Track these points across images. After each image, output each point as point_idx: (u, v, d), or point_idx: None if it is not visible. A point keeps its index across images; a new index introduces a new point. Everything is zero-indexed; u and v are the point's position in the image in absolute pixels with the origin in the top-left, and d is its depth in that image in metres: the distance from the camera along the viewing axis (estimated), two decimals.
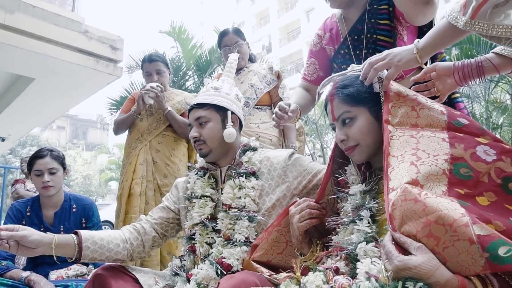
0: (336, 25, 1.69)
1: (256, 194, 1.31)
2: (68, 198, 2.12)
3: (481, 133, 0.89)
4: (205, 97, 1.44)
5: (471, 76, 1.10)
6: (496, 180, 0.80)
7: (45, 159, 2.00)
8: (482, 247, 0.65)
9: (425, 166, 0.82)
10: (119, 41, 5.03)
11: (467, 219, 0.68)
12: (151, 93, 2.48)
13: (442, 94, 1.15)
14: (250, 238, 1.25)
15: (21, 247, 1.16)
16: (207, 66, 7.78)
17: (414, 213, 0.73)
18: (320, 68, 1.79)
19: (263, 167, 1.37)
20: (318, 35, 1.78)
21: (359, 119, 1.05)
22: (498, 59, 1.08)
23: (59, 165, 2.05)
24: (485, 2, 0.87)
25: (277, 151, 1.44)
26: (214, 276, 1.18)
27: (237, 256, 1.21)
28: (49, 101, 5.90)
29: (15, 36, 4.07)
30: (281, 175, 1.34)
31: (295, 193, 1.32)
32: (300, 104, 1.66)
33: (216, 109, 1.41)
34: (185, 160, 2.77)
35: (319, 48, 1.77)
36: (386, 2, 1.52)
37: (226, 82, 1.52)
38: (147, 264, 2.39)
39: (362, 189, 1.02)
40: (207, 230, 1.33)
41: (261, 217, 1.28)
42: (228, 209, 1.30)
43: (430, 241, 0.70)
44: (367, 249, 0.88)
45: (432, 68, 1.15)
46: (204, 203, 1.36)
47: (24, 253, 1.18)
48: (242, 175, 1.33)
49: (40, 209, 2.04)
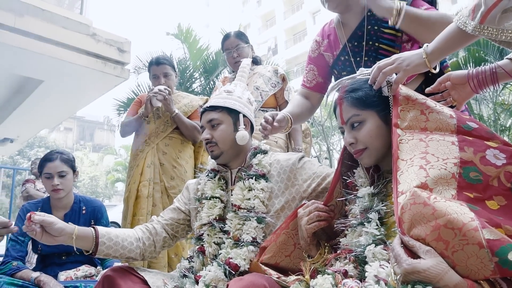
0: (334, 31, 1.65)
1: (266, 196, 1.32)
2: (78, 200, 2.14)
3: (491, 137, 0.89)
4: (218, 100, 1.46)
5: (486, 83, 1.10)
6: (506, 184, 0.80)
7: (55, 162, 2.02)
8: (492, 251, 0.65)
9: (434, 170, 0.83)
10: (126, 43, 5.06)
11: (476, 223, 0.68)
12: (159, 95, 2.50)
13: (459, 103, 1.15)
14: (258, 239, 1.26)
15: (45, 234, 1.21)
16: (214, 68, 7.80)
17: (423, 217, 0.74)
18: (319, 74, 1.76)
19: (273, 169, 1.38)
20: (316, 41, 1.75)
21: (368, 122, 1.06)
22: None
23: (69, 168, 2.07)
24: (494, 7, 0.87)
25: (287, 154, 1.45)
26: (223, 277, 1.18)
27: (243, 256, 1.22)
28: (57, 103, 5.95)
29: (24, 39, 4.11)
30: (290, 178, 1.35)
31: (304, 196, 1.33)
32: (294, 113, 1.64)
33: (228, 112, 1.43)
34: (191, 162, 2.78)
35: (318, 55, 1.74)
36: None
37: (238, 86, 1.54)
38: (154, 266, 2.40)
39: (370, 191, 1.03)
40: (215, 230, 1.34)
41: (269, 219, 1.29)
42: (237, 210, 1.31)
43: (439, 244, 0.71)
44: (376, 252, 0.88)
45: (446, 77, 1.15)
46: (213, 204, 1.38)
47: (47, 240, 1.22)
48: (252, 177, 1.34)
49: (51, 210, 2.06)
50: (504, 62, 1.11)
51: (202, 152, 2.91)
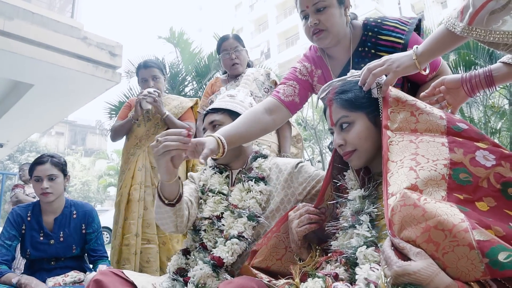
0: (323, 62, 1.58)
1: (263, 199, 1.34)
2: (68, 204, 2.11)
3: (480, 138, 0.89)
4: (220, 103, 1.53)
5: (479, 87, 1.11)
6: (495, 185, 0.79)
7: (45, 166, 2.00)
8: (482, 252, 0.65)
9: (424, 171, 0.82)
10: (118, 47, 5.04)
11: (466, 224, 0.68)
12: (148, 98, 2.49)
13: (454, 107, 1.16)
14: (245, 234, 1.26)
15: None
16: (206, 72, 7.80)
17: (414, 219, 0.73)
18: (299, 94, 1.57)
19: (272, 173, 1.41)
20: (306, 67, 1.61)
21: (357, 124, 1.06)
22: (506, 68, 1.08)
23: (59, 172, 2.04)
24: (482, 8, 0.87)
25: (286, 159, 1.48)
26: (211, 272, 1.19)
27: (227, 249, 1.22)
28: (47, 107, 5.90)
29: (14, 42, 4.08)
30: (287, 180, 1.37)
31: (299, 199, 1.34)
32: (238, 134, 1.33)
33: (230, 114, 1.47)
34: (183, 165, 2.76)
35: (306, 80, 1.61)
36: (385, 49, 1.40)
37: (241, 91, 1.60)
38: (146, 270, 2.38)
39: (361, 194, 1.02)
40: (213, 227, 1.35)
41: (262, 219, 1.30)
42: (234, 209, 1.33)
43: (429, 246, 0.70)
44: (367, 253, 0.87)
45: (440, 82, 1.16)
46: (219, 200, 1.39)
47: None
48: (251, 179, 1.37)
49: (41, 214, 2.03)
50: (497, 65, 1.12)
51: None
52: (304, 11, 1.44)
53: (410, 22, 1.44)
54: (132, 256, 2.39)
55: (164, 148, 1.05)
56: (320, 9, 1.40)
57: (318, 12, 1.40)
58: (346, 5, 1.46)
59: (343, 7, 1.44)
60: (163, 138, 1.07)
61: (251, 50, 25.77)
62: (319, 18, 1.41)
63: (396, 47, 1.37)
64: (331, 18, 1.41)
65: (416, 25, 1.46)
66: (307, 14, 1.44)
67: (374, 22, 1.48)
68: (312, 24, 1.41)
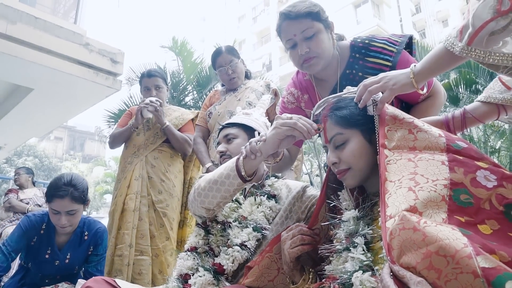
0: (311, 85, 1.56)
1: (272, 215, 1.34)
2: (82, 223, 2.01)
3: (480, 157, 0.86)
4: (235, 118, 1.59)
5: (459, 128, 1.14)
6: (498, 207, 0.76)
7: (64, 201, 1.81)
8: (488, 281, 0.61)
9: (424, 192, 0.79)
10: (120, 54, 5.04)
11: (470, 249, 0.64)
12: (150, 107, 2.49)
13: None
14: (248, 244, 1.25)
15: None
16: (207, 82, 7.80)
17: (414, 243, 0.69)
18: None
19: (282, 193, 1.42)
20: (292, 94, 1.62)
21: (351, 141, 1.03)
22: (484, 107, 1.07)
23: (80, 205, 1.89)
24: (481, 29, 0.85)
25: (296, 182, 1.50)
26: (211, 279, 1.18)
27: (228, 256, 1.22)
28: (47, 111, 5.87)
29: (15, 46, 4.07)
30: (294, 197, 1.38)
31: (301, 218, 1.33)
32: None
33: (244, 129, 1.52)
34: (180, 176, 2.74)
35: (295, 107, 1.62)
36: (372, 71, 1.37)
37: (256, 111, 1.65)
38: (138, 283, 2.33)
39: (355, 215, 0.98)
40: (222, 233, 1.34)
41: (266, 232, 1.29)
42: (242, 220, 1.33)
43: (431, 273, 0.66)
44: (363, 279, 0.83)
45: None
46: (234, 208, 1.39)
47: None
48: (263, 195, 1.38)
49: (54, 231, 1.95)
50: (475, 105, 1.10)
51: (191, 167, 2.87)
52: (291, 40, 1.41)
53: (399, 41, 1.41)
54: (124, 267, 2.34)
55: (294, 125, 1.09)
56: (309, 36, 1.37)
57: (308, 40, 1.37)
58: (331, 28, 1.44)
59: (329, 30, 1.42)
60: (298, 117, 1.12)
61: (253, 62, 25.91)
62: (309, 46, 1.38)
63: (384, 70, 1.33)
64: (321, 44, 1.38)
65: (407, 43, 1.43)
66: (294, 42, 1.41)
67: (362, 43, 1.45)
68: (303, 52, 1.38)
